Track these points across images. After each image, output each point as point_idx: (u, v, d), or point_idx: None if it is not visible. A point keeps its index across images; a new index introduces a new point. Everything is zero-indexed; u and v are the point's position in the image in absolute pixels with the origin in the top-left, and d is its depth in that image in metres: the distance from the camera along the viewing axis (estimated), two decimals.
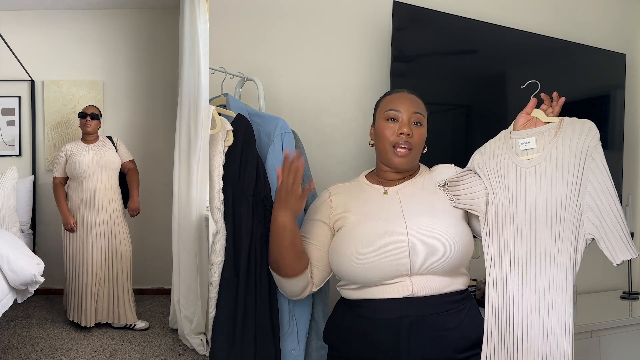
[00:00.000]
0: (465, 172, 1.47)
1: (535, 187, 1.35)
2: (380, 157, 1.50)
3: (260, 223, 1.55)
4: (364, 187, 1.52)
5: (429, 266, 1.35)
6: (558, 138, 1.34)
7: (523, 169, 1.37)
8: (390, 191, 1.48)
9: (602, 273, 2.85)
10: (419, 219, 1.39)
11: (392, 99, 1.49)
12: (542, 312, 1.31)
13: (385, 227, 1.38)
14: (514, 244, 1.37)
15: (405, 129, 1.42)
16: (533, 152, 1.38)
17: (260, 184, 1.56)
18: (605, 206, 1.26)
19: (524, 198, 1.36)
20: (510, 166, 1.40)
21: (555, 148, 1.34)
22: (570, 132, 1.34)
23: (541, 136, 1.37)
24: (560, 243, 1.30)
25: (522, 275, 1.35)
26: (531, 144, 1.38)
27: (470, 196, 1.44)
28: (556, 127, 1.36)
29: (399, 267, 1.34)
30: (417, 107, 1.47)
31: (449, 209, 1.44)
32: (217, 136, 1.56)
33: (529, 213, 1.35)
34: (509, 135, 1.43)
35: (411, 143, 1.43)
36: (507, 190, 1.39)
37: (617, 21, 2.97)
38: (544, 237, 1.33)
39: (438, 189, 1.47)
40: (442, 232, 1.36)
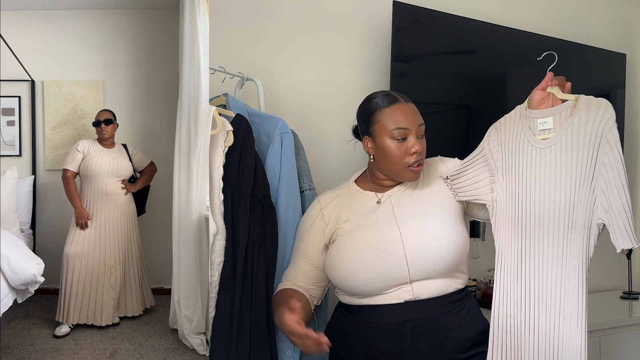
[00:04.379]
0: (469, 161, 1.44)
1: (549, 167, 1.31)
2: (386, 172, 1.42)
3: (257, 224, 1.54)
4: (355, 194, 1.47)
5: (428, 271, 1.33)
6: (574, 118, 1.30)
7: (539, 149, 1.34)
8: (383, 198, 1.44)
9: (602, 273, 2.84)
10: (412, 223, 1.36)
11: (395, 113, 1.36)
12: (555, 297, 1.29)
13: (379, 237, 1.35)
14: (526, 226, 1.34)
15: (417, 147, 1.35)
16: (550, 132, 1.33)
17: (258, 184, 1.55)
18: (614, 191, 1.23)
19: (539, 179, 1.33)
20: (525, 145, 1.36)
21: (571, 128, 1.30)
22: (586, 111, 1.29)
23: (558, 116, 1.33)
24: (573, 226, 1.28)
25: (534, 259, 1.32)
26: (549, 124, 1.33)
27: (475, 186, 1.41)
28: (572, 105, 1.32)
29: (398, 277, 1.33)
30: (420, 119, 1.39)
31: (444, 204, 1.41)
32: (217, 136, 1.56)
33: (543, 195, 1.32)
34: (525, 113, 1.39)
35: (422, 158, 1.39)
36: (521, 170, 1.36)
37: (617, 21, 2.97)
38: (557, 219, 1.30)
39: (431, 186, 1.44)
40: (438, 233, 1.34)
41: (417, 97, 2.21)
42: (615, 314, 2.49)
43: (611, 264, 2.85)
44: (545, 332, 1.30)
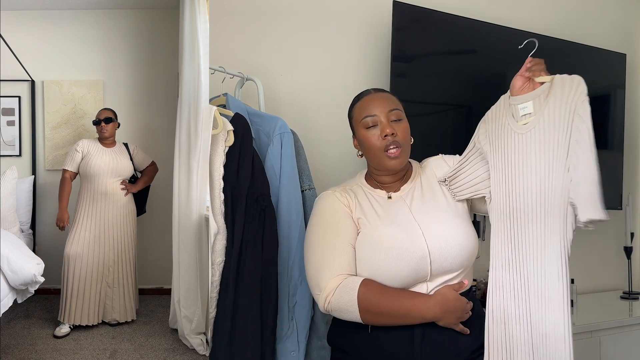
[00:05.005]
0: (463, 159, 1.44)
1: (530, 153, 1.30)
2: (373, 164, 1.45)
3: (252, 223, 1.54)
4: (366, 191, 1.48)
5: (446, 269, 1.33)
6: (549, 98, 1.29)
7: (520, 134, 1.33)
8: (394, 196, 1.45)
9: (602, 273, 2.84)
10: (431, 224, 1.37)
11: (363, 104, 1.42)
12: (539, 285, 1.27)
13: (404, 234, 1.35)
14: (513, 215, 1.33)
15: (387, 130, 1.37)
16: (531, 116, 1.32)
17: (255, 183, 1.55)
18: (583, 163, 1.19)
19: (522, 166, 1.31)
20: (509, 133, 1.35)
21: (547, 109, 1.28)
22: (560, 90, 1.28)
23: (538, 100, 1.31)
24: (550, 211, 1.26)
25: (520, 248, 1.31)
26: (529, 108, 1.32)
27: (473, 182, 1.41)
28: (548, 86, 1.30)
29: (420, 275, 1.32)
30: (390, 104, 1.41)
31: (454, 207, 1.42)
32: (217, 136, 1.56)
33: (525, 181, 1.31)
34: (508, 101, 1.38)
35: (399, 141, 1.39)
36: (507, 160, 1.35)
37: (617, 21, 2.97)
38: (535, 205, 1.28)
39: (436, 185, 1.45)
40: (456, 234, 1.35)
41: (417, 97, 2.20)
42: (615, 314, 2.49)
43: (611, 264, 2.85)
44: (532, 321, 1.29)
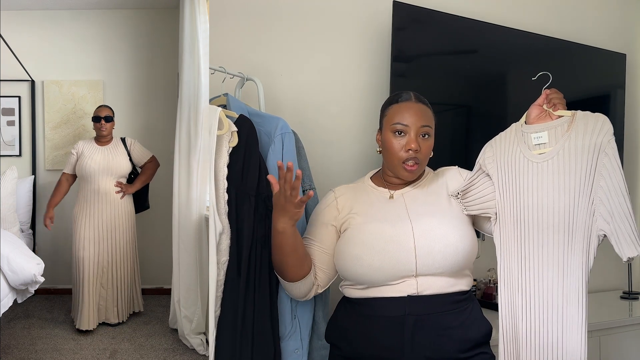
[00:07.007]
0: (474, 176, 1.46)
1: (547, 181, 1.34)
2: (388, 167, 1.48)
3: (261, 223, 1.55)
4: (369, 189, 1.52)
5: (434, 267, 1.35)
6: (571, 132, 1.33)
7: (535, 163, 1.36)
8: (395, 194, 1.48)
9: (602, 273, 2.84)
10: (424, 221, 1.39)
11: (399, 109, 1.43)
12: (557, 310, 1.31)
13: (391, 229, 1.38)
14: (526, 240, 1.36)
15: (413, 145, 1.39)
16: (545, 146, 1.36)
17: (262, 184, 1.56)
18: (615, 202, 1.25)
19: (537, 192, 1.35)
20: (522, 160, 1.39)
21: (568, 142, 1.32)
22: (583, 127, 1.32)
23: (554, 130, 1.36)
24: (573, 239, 1.30)
25: (535, 272, 1.34)
26: (544, 138, 1.36)
27: (482, 199, 1.43)
28: (569, 120, 1.35)
29: (404, 269, 1.34)
30: (424, 120, 1.43)
31: (455, 211, 1.44)
32: (221, 137, 1.56)
33: (541, 208, 1.34)
34: (521, 129, 1.42)
35: (419, 158, 1.41)
36: (518, 185, 1.38)
37: (617, 21, 2.97)
38: (557, 232, 1.32)
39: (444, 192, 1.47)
40: (448, 234, 1.36)
41: None
42: (615, 314, 2.49)
43: (611, 264, 2.85)
44: (547, 343, 1.32)
